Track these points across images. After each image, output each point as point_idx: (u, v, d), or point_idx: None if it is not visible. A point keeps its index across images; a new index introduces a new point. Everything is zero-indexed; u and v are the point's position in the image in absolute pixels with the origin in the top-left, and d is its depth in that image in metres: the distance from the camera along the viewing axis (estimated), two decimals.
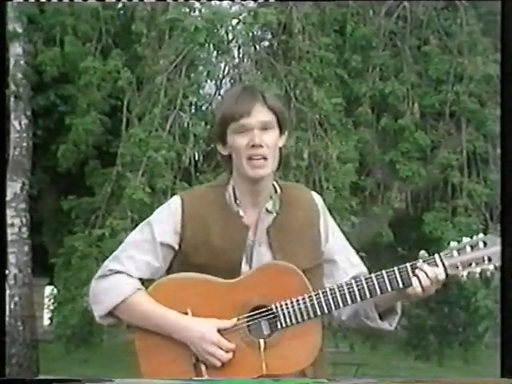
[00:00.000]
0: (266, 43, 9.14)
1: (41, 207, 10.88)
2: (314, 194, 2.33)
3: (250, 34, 8.81)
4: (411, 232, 9.03)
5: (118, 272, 2.19)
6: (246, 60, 8.77)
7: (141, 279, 2.20)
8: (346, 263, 2.27)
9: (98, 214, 8.25)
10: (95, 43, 8.66)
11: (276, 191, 2.24)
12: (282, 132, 2.21)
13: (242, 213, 2.20)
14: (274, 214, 2.22)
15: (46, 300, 9.95)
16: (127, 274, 2.18)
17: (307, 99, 8.36)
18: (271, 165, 2.17)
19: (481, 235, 2.16)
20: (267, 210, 2.22)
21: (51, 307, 8.58)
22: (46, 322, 10.79)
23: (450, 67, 8.50)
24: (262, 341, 2.10)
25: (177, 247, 2.19)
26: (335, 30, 8.89)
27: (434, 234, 8.00)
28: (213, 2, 8.60)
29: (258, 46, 8.92)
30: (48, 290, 12.68)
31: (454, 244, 2.14)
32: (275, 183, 2.25)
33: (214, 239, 2.16)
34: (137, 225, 2.31)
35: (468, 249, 2.12)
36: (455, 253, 2.12)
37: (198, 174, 8.30)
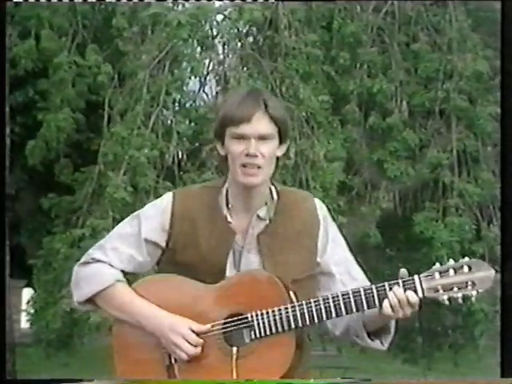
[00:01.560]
0: (252, 39, 8.97)
1: (18, 207, 10.65)
2: (317, 202, 2.28)
3: (235, 30, 8.67)
4: (399, 233, 8.89)
5: (100, 261, 2.20)
6: (230, 56, 8.63)
7: (123, 271, 2.21)
8: (344, 276, 2.23)
9: (78, 214, 8.04)
10: (71, 38, 8.38)
11: (272, 197, 2.21)
12: (282, 142, 2.17)
13: (229, 218, 2.18)
14: (267, 221, 2.19)
15: (24, 302, 9.70)
16: (109, 264, 2.20)
17: (293, 96, 8.23)
18: (265, 173, 2.14)
19: (466, 259, 2.07)
20: (259, 217, 2.19)
21: (31, 310, 8.32)
22: (24, 325, 10.54)
23: (439, 64, 8.37)
24: (234, 349, 2.09)
25: (163, 245, 2.19)
26: (322, 26, 8.75)
27: (426, 234, 7.88)
28: None
29: (243, 42, 8.77)
30: (26, 292, 12.42)
31: (436, 266, 2.07)
32: (273, 189, 2.22)
33: (200, 241, 2.16)
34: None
35: (451, 272, 2.05)
36: (437, 275, 2.05)
37: (181, 173, 8.19)
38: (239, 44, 8.73)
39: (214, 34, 8.63)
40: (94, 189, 7.98)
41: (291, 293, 2.13)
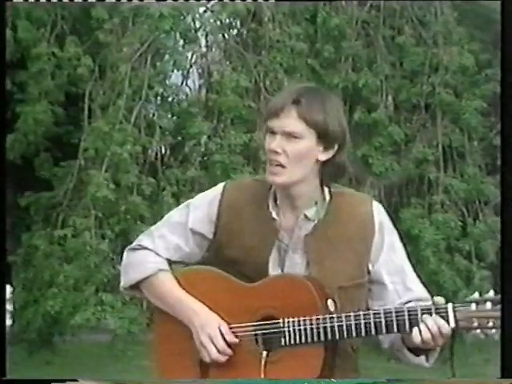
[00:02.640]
0: (235, 32, 8.85)
1: None
2: (375, 206, 2.16)
3: (218, 22, 8.57)
4: None
5: (146, 248, 2.17)
6: (214, 49, 8.51)
7: (169, 260, 2.17)
8: (399, 286, 2.13)
9: (58, 210, 7.89)
10: (50, 28, 8.18)
11: (324, 198, 2.11)
12: (325, 146, 2.06)
13: (274, 214, 2.10)
14: (315, 222, 2.09)
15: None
16: (155, 252, 2.16)
17: (277, 90, 8.10)
18: (291, 174, 2.04)
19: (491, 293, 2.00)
20: (306, 217, 2.10)
21: (10, 308, 8.17)
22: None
23: (424, 58, 8.31)
24: (264, 353, 2.04)
25: (210, 236, 2.15)
26: (306, 19, 8.65)
27: (412, 232, 7.80)
28: None
29: (226, 35, 8.67)
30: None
31: (473, 297, 2.01)
32: (327, 189, 2.12)
33: (245, 235, 2.11)
34: (101, 223, 2.19)
35: (488, 305, 1.97)
36: (473, 306, 1.97)
37: (164, 167, 8.06)
38: (222, 37, 8.62)
39: (197, 26, 8.51)
40: (75, 184, 7.85)
41: (329, 301, 2.04)
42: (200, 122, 7.87)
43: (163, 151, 8.12)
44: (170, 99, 8.50)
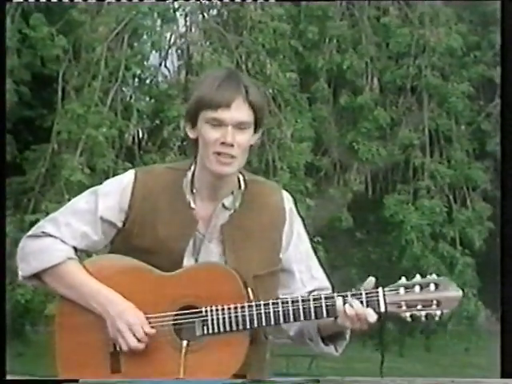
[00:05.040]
0: (215, 12, 8.59)
1: None
2: (285, 194, 2.18)
3: (198, 2, 8.25)
4: (370, 215, 8.65)
5: (51, 236, 2.10)
6: (193, 30, 8.25)
7: (75, 248, 2.12)
8: (305, 275, 2.15)
9: (29, 196, 7.62)
10: (15, 5, 7.84)
11: (240, 187, 2.11)
12: (256, 130, 2.06)
13: (193, 204, 2.08)
14: (231, 211, 2.09)
15: None
16: (61, 239, 2.10)
17: (260, 73, 7.94)
18: (239, 163, 2.05)
19: (433, 276, 2.01)
20: (224, 206, 2.09)
21: None
22: None
23: (411, 39, 8.09)
24: (184, 342, 2.01)
25: (120, 225, 2.10)
26: None
27: (395, 218, 7.62)
28: None
29: (206, 15, 8.40)
30: None
31: (402, 280, 2.00)
32: (241, 177, 2.12)
33: (159, 225, 2.07)
34: None
35: (417, 288, 1.99)
36: (402, 290, 1.99)
37: (141, 152, 7.87)
38: (202, 17, 8.36)
39: (176, 6, 8.24)
40: (48, 169, 7.61)
41: (249, 289, 2.03)
42: (179, 105, 7.64)
43: (141, 135, 7.92)
44: (147, 81, 8.26)
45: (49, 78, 8.02)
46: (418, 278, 1.99)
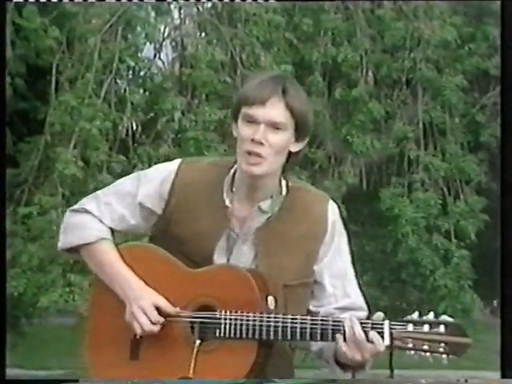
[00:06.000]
0: (210, 4, 8.54)
1: None
2: (330, 206, 2.13)
3: None
4: (364, 208, 8.63)
5: (90, 213, 2.13)
6: (187, 22, 8.19)
7: (112, 229, 2.15)
8: (338, 290, 2.11)
9: (23, 188, 7.58)
10: None
11: (281, 192, 2.09)
12: (299, 137, 2.04)
13: (228, 202, 2.08)
14: (269, 215, 2.07)
15: None
16: (99, 219, 2.13)
17: (254, 65, 7.88)
18: (270, 165, 2.01)
19: (445, 317, 1.94)
20: (260, 209, 2.07)
21: None
22: None
23: (405, 32, 8.05)
24: (198, 342, 2.02)
25: (159, 212, 2.12)
26: None
27: (391, 211, 7.63)
28: None
29: (200, 7, 8.35)
30: None
31: (412, 316, 1.94)
32: (284, 182, 2.10)
33: (195, 218, 2.09)
34: (68, 202, 2.04)
35: (426, 327, 1.92)
36: (410, 327, 1.92)
37: (135, 145, 7.80)
38: (196, 9, 8.31)
39: None
40: (41, 161, 7.56)
41: (270, 298, 2.01)
42: (173, 98, 7.61)
43: (134, 127, 7.82)
44: (141, 73, 8.17)
45: (43, 70, 7.96)
46: (430, 315, 1.94)
